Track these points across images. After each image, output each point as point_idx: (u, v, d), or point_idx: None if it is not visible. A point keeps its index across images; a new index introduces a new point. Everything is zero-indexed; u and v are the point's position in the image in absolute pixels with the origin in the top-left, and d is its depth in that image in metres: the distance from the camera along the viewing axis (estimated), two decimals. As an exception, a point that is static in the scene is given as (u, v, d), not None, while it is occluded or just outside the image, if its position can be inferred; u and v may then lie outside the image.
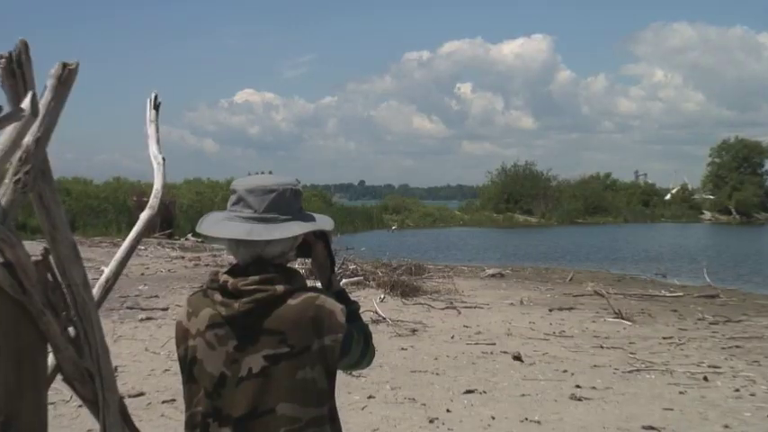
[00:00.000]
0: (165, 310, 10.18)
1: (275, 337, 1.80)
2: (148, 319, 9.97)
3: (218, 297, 1.84)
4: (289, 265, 1.93)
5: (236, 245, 1.87)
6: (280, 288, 1.82)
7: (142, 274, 15.14)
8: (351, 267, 15.21)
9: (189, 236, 24.66)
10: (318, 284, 2.07)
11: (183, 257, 19.44)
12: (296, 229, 1.86)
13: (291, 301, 1.81)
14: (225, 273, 1.87)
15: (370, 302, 11.63)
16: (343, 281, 13.95)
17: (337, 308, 1.83)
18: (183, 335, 1.90)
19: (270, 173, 2.40)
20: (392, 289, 13.59)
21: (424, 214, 56.85)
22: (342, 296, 1.97)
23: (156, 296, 11.99)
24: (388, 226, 48.74)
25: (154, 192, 2.55)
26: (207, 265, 16.57)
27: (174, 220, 28.47)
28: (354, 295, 12.71)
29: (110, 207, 32.68)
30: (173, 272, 15.96)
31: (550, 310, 12.36)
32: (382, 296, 12.89)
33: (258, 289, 1.81)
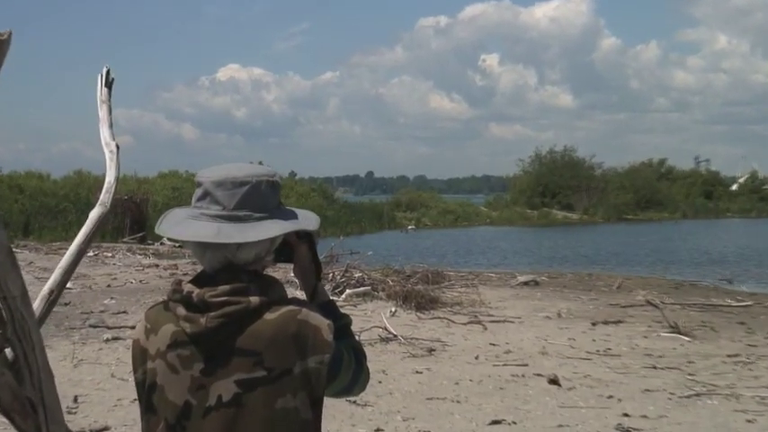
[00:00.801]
0: (134, 328, 10.23)
1: (250, 358, 1.80)
2: (115, 339, 10.05)
3: (181, 311, 1.84)
4: (266, 272, 1.94)
5: (201, 249, 1.88)
6: (255, 300, 1.82)
7: (108, 285, 15.28)
8: (356, 276, 15.37)
9: (164, 240, 24.82)
10: (302, 295, 2.09)
11: (156, 266, 19.67)
12: (273, 228, 1.86)
13: (269, 316, 1.82)
14: (189, 282, 1.88)
15: (379, 317, 11.79)
16: (347, 292, 14.39)
17: (324, 323, 1.84)
18: (140, 356, 1.91)
19: (260, 163, 2.44)
20: (405, 301, 13.81)
21: (443, 211, 57.28)
22: (329, 309, 2.00)
23: (125, 312, 12.08)
24: (401, 225, 49.45)
25: (106, 186, 2.55)
26: (186, 274, 16.70)
27: (146, 222, 28.58)
28: (360, 309, 13.01)
29: (70, 206, 32.87)
30: (145, 283, 16.11)
31: (594, 324, 12.49)
32: (393, 309, 13.06)
33: (229, 301, 1.81)
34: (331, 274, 15.22)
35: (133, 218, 27.67)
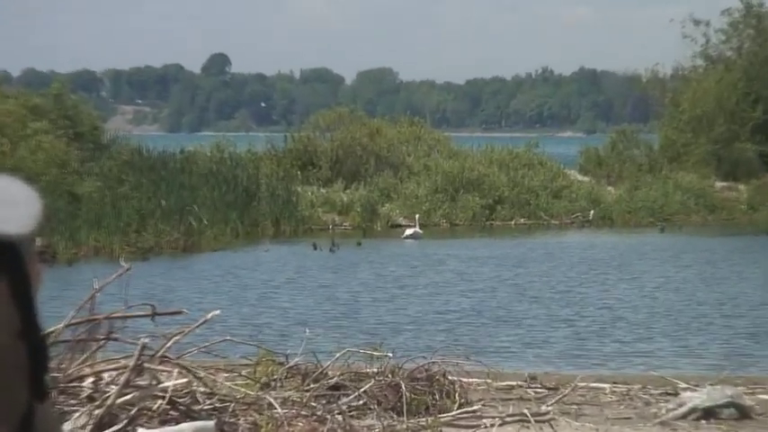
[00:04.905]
0: None
1: None
2: None
3: None
4: None
5: None
6: None
7: None
8: (168, 385, 11.67)
9: None
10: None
11: None
12: None
13: None
14: None
15: None
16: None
17: None
18: None
19: None
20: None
21: (449, 180, 44.62)
22: None
23: None
24: (317, 225, 38.69)
25: None
26: None
27: None
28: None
29: None
30: None
31: None
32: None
33: None
34: (90, 380, 11.70)
35: None
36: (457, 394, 13.59)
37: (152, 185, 36.15)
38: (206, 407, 11.95)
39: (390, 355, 14.12)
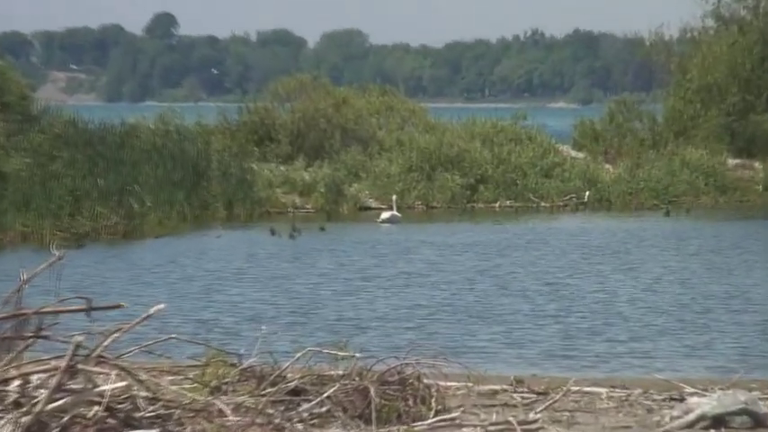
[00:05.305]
0: None
1: None
2: None
3: None
4: None
5: None
6: None
7: None
8: (106, 389, 10.35)
9: None
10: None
11: None
12: None
13: None
14: None
15: None
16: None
17: None
18: None
19: None
20: None
21: (425, 157, 42.79)
22: None
23: None
24: (275, 208, 37.38)
25: None
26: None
27: None
28: None
29: None
30: None
31: None
32: None
33: None
34: (17, 383, 10.46)
35: None
36: (433, 400, 12.59)
37: (88, 162, 34.48)
38: (148, 414, 10.86)
39: (357, 355, 12.97)
